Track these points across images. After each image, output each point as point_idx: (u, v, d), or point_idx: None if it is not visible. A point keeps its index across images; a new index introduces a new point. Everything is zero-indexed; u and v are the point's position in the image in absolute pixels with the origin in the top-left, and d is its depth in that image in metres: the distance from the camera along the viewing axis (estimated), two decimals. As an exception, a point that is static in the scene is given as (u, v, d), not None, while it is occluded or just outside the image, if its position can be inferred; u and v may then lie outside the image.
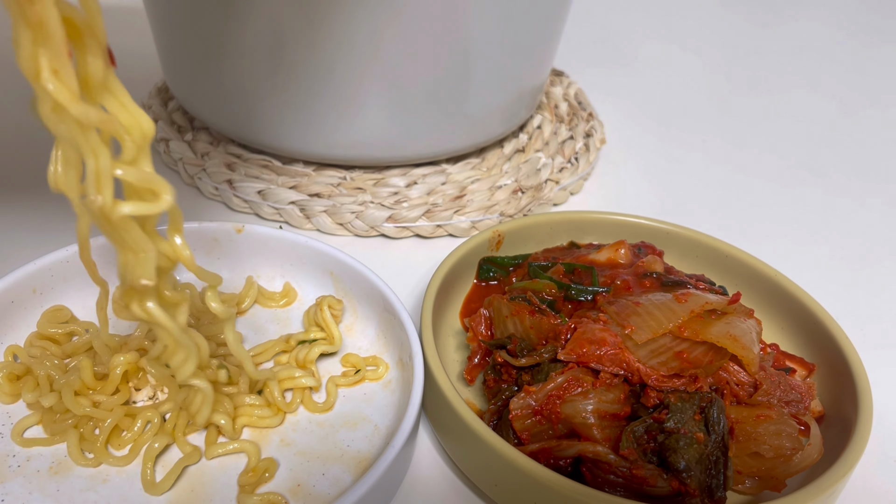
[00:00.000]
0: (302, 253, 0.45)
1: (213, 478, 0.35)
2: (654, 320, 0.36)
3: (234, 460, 0.36)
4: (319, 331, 0.42)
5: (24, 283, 0.40)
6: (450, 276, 0.43)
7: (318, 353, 0.41)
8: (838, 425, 0.37)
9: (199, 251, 0.45)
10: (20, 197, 0.54)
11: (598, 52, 0.91)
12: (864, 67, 0.94)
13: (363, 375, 0.40)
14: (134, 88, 0.74)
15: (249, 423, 0.37)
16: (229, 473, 0.35)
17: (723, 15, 1.08)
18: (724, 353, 0.35)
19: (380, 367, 0.41)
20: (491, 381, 0.38)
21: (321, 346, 0.41)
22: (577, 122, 0.66)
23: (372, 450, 0.37)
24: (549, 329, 0.37)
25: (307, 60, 0.49)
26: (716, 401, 0.34)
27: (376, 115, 0.53)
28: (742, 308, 0.37)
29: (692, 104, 0.80)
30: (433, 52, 0.50)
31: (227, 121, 0.56)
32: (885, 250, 0.58)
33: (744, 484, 0.34)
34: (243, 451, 0.36)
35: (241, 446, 0.36)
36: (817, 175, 0.68)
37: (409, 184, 0.56)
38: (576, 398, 0.34)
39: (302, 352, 0.41)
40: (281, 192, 0.54)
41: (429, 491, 0.37)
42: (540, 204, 0.57)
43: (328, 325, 0.42)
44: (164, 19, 0.55)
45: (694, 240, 0.48)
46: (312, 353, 0.40)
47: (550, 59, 0.61)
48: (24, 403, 0.37)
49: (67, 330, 0.40)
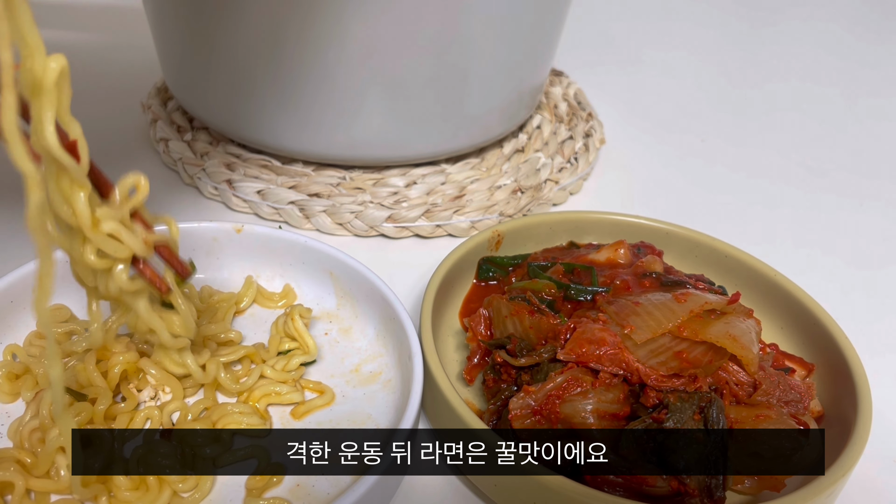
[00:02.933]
0: (301, 253, 0.45)
1: (220, 481, 0.35)
2: (653, 320, 0.36)
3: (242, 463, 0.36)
4: (291, 341, 0.42)
5: (24, 282, 0.40)
6: (449, 275, 0.43)
7: (299, 364, 0.40)
8: (837, 425, 0.37)
9: (198, 251, 0.45)
10: (19, 196, 0.54)
11: (598, 53, 0.91)
12: (864, 67, 0.94)
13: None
14: (133, 88, 0.74)
15: (239, 431, 0.37)
16: (236, 476, 0.35)
17: (722, 15, 1.08)
18: (724, 352, 0.35)
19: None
20: (490, 381, 0.38)
21: (299, 357, 0.40)
22: (577, 122, 0.66)
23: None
24: (548, 329, 0.37)
25: (307, 60, 0.49)
26: (715, 401, 0.34)
27: (376, 115, 0.53)
28: (741, 308, 0.37)
29: (691, 104, 0.80)
30: (432, 52, 0.50)
31: (227, 121, 0.56)
32: (885, 250, 0.58)
33: (743, 484, 0.34)
34: (253, 457, 0.36)
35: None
36: (816, 175, 0.68)
37: (409, 184, 0.56)
38: (575, 398, 0.34)
39: (280, 363, 0.40)
40: (280, 192, 0.54)
41: (428, 491, 0.37)
42: (539, 204, 0.57)
43: (301, 334, 0.41)
44: (163, 19, 0.55)
45: (693, 240, 0.48)
46: (292, 363, 0.40)
47: (550, 59, 0.61)
48: (23, 402, 0.37)
49: (67, 329, 0.40)
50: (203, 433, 0.36)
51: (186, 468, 0.34)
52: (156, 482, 0.33)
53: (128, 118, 0.65)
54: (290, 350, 0.41)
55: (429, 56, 0.50)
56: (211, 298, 0.44)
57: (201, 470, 0.35)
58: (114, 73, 0.73)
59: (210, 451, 0.35)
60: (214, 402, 0.38)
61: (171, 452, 0.34)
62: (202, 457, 0.35)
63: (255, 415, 0.37)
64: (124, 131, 0.63)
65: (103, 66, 0.74)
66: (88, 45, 0.78)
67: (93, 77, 0.72)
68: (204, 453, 0.35)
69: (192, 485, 0.34)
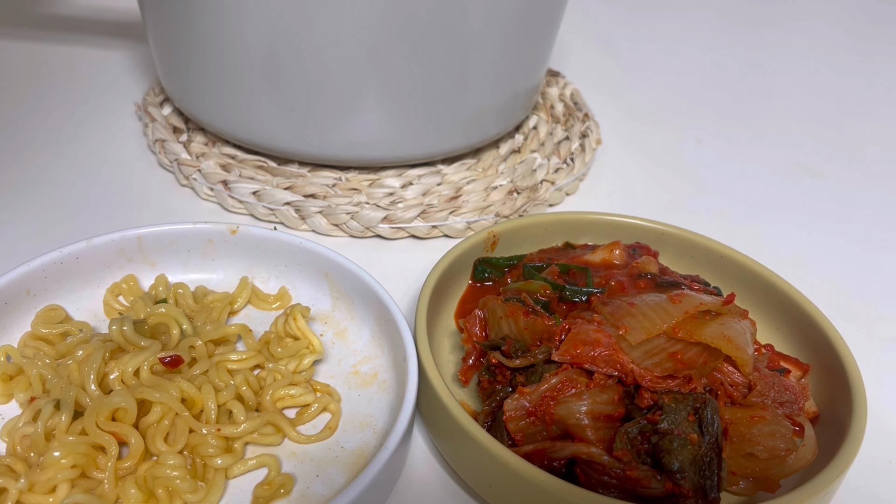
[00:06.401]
0: (296, 254, 0.45)
1: (229, 485, 0.35)
2: (648, 321, 0.35)
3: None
4: (293, 340, 0.42)
5: (18, 284, 0.40)
6: (445, 276, 0.43)
7: (310, 364, 0.40)
8: (833, 426, 0.37)
9: (193, 252, 0.45)
10: (14, 197, 0.54)
11: (594, 53, 0.91)
12: (862, 67, 0.95)
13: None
14: (129, 90, 0.74)
15: (252, 441, 0.37)
16: (244, 482, 0.35)
17: (718, 16, 1.08)
18: (719, 353, 0.35)
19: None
20: (485, 382, 0.38)
21: (311, 356, 0.40)
22: (573, 122, 0.66)
23: (366, 451, 0.37)
24: (543, 330, 0.37)
25: (302, 61, 0.49)
26: (710, 402, 0.34)
27: (371, 116, 0.53)
28: (736, 309, 0.37)
29: (687, 105, 0.80)
30: (428, 53, 0.50)
31: (223, 122, 0.56)
32: (880, 251, 0.58)
33: (738, 485, 0.34)
34: (265, 465, 0.36)
35: (263, 460, 0.36)
36: (812, 175, 0.68)
37: (405, 184, 0.56)
38: (570, 399, 0.34)
39: (292, 364, 0.40)
40: (276, 193, 0.53)
41: (423, 492, 0.36)
42: (535, 205, 0.57)
43: (306, 333, 0.41)
44: (159, 20, 0.55)
45: (689, 240, 0.48)
46: (304, 363, 0.40)
47: (546, 60, 0.61)
48: (17, 403, 0.37)
49: (61, 330, 0.40)
50: (216, 444, 0.35)
51: (197, 478, 0.34)
52: (165, 494, 0.33)
53: (123, 120, 0.65)
54: (301, 352, 0.41)
55: (425, 57, 0.50)
56: (205, 298, 0.44)
57: (212, 480, 0.34)
58: (109, 74, 0.73)
59: (222, 461, 0.35)
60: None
61: (180, 464, 0.34)
62: (213, 467, 0.35)
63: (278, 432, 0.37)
64: (120, 133, 0.63)
65: (99, 66, 0.74)
66: (84, 45, 0.78)
67: (89, 78, 0.72)
68: (215, 464, 0.35)
69: (201, 496, 0.34)
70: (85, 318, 0.42)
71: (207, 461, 0.35)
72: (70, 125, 0.64)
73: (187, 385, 0.36)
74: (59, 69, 0.73)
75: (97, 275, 0.44)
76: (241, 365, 0.39)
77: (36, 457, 0.34)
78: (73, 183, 0.56)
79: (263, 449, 0.37)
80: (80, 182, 0.56)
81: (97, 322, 0.42)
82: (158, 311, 0.40)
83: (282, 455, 0.36)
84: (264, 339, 0.42)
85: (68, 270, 0.42)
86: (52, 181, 0.56)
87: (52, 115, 0.65)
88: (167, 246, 0.45)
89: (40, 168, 0.58)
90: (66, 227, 0.51)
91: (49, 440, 0.34)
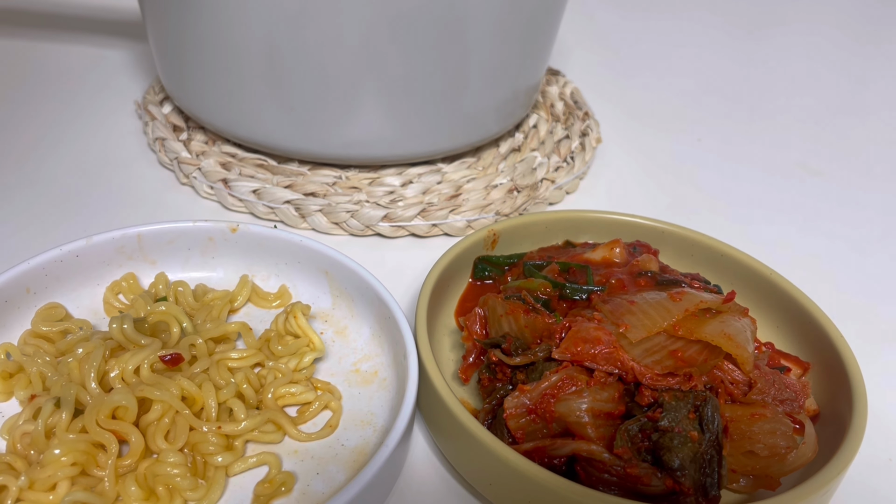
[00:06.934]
0: (297, 252, 0.45)
1: (229, 483, 0.35)
2: (648, 319, 0.35)
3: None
4: (294, 339, 0.41)
5: (18, 282, 0.40)
6: (445, 275, 0.43)
7: (311, 362, 0.40)
8: (833, 424, 0.37)
9: (193, 251, 0.45)
10: (14, 195, 0.54)
11: (595, 52, 0.91)
12: (861, 66, 0.95)
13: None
14: (129, 88, 0.74)
15: (252, 439, 0.37)
16: (245, 480, 0.35)
17: (718, 14, 1.08)
18: (719, 351, 0.35)
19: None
20: (486, 380, 0.38)
21: (311, 354, 0.40)
22: (573, 121, 0.66)
23: (366, 449, 0.37)
24: (543, 328, 0.37)
25: (302, 60, 0.49)
26: (710, 399, 0.34)
27: (372, 114, 0.53)
28: (737, 307, 0.37)
29: (688, 103, 0.80)
30: (428, 51, 0.50)
31: (223, 120, 0.55)
32: (880, 249, 0.58)
33: (738, 482, 0.34)
34: (265, 464, 0.36)
35: (263, 458, 0.36)
36: (812, 174, 0.68)
37: (405, 183, 0.56)
38: (570, 397, 0.34)
39: (292, 362, 0.40)
40: (276, 192, 0.53)
41: (423, 490, 0.36)
42: (535, 203, 0.57)
43: (306, 331, 0.41)
44: (159, 19, 0.55)
45: (689, 239, 0.48)
46: (304, 361, 0.40)
47: (546, 58, 0.61)
48: (17, 401, 0.37)
49: (61, 328, 0.40)
50: (216, 442, 0.35)
51: (198, 476, 0.34)
52: (165, 492, 0.33)
53: (124, 118, 0.65)
54: (301, 350, 0.41)
55: (424, 55, 0.50)
56: (205, 297, 0.44)
57: (213, 478, 0.34)
58: (110, 72, 0.73)
59: (222, 459, 0.35)
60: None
61: (180, 462, 0.34)
62: (214, 465, 0.35)
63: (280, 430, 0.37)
64: (120, 131, 0.63)
65: (99, 65, 0.74)
66: (85, 44, 0.78)
67: (89, 77, 0.72)
68: (216, 462, 0.35)
69: (202, 494, 0.34)
70: (85, 316, 0.42)
71: (208, 459, 0.35)
72: (70, 123, 0.64)
73: (188, 383, 0.36)
74: (59, 68, 0.73)
75: (97, 273, 0.44)
76: (241, 363, 0.39)
77: (36, 454, 0.34)
78: (73, 181, 0.56)
79: (264, 447, 0.37)
80: (80, 180, 0.56)
81: (97, 320, 0.42)
82: (158, 310, 0.40)
83: (282, 453, 0.36)
84: (264, 337, 0.42)
85: (68, 268, 0.42)
86: (52, 179, 0.56)
87: (52, 114, 0.65)
88: (167, 244, 0.45)
89: (40, 166, 0.58)
90: (66, 225, 0.51)
91: (49, 438, 0.34)
